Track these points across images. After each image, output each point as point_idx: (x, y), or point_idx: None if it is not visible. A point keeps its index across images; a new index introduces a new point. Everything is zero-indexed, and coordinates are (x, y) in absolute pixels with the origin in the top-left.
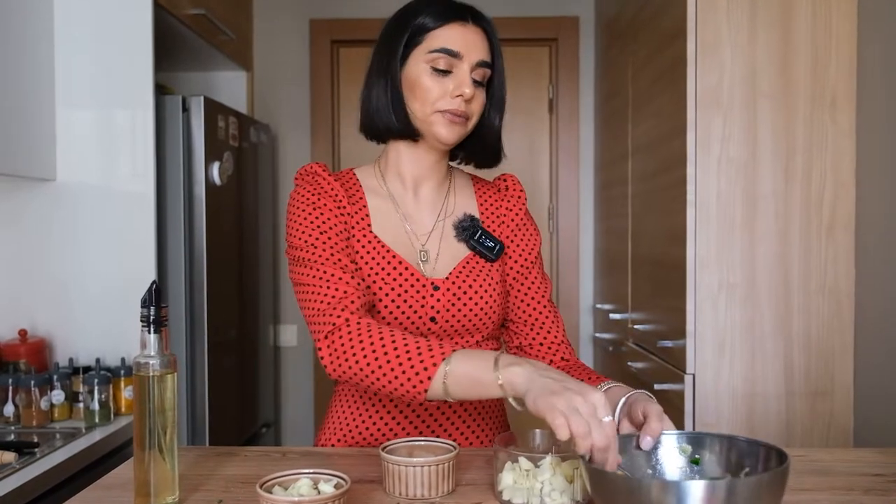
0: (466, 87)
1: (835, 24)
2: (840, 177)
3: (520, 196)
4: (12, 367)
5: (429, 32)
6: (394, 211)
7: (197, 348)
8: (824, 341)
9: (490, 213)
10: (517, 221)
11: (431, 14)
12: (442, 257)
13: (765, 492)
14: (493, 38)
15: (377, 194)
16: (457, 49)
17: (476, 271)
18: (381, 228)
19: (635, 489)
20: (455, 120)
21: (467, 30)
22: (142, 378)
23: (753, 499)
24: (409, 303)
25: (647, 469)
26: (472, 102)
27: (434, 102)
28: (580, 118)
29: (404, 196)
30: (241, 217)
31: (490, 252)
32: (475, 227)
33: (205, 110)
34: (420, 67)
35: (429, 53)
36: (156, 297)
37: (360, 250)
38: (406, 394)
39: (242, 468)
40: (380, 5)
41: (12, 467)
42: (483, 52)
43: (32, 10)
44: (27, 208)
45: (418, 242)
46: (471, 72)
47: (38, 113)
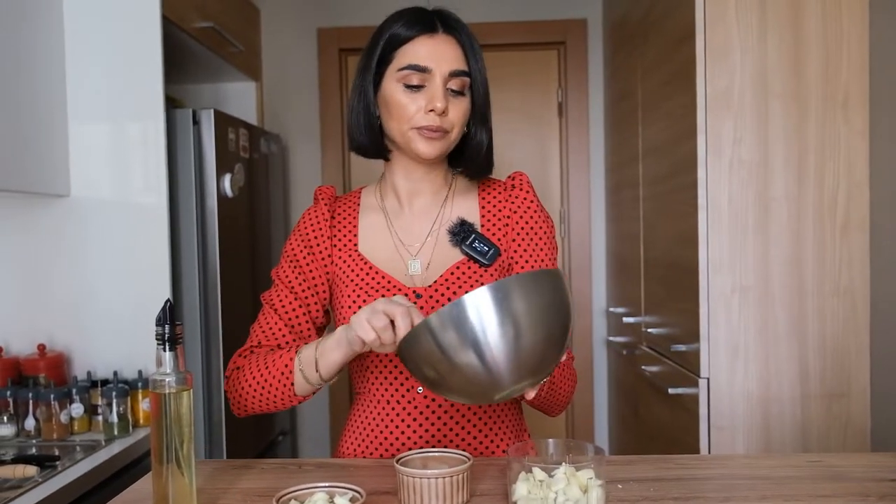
0: (438, 101)
1: (846, 24)
2: (853, 177)
3: (526, 195)
4: (32, 381)
5: (397, 50)
6: (385, 226)
7: (212, 359)
8: (840, 343)
9: (493, 215)
10: (526, 222)
11: (398, 30)
12: (434, 265)
13: (537, 289)
14: (467, 43)
15: (372, 211)
16: (424, 63)
17: (466, 276)
18: (368, 246)
19: (415, 333)
20: (432, 136)
21: (436, 41)
22: (158, 395)
23: (528, 296)
24: None
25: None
26: (449, 114)
27: (410, 119)
28: (590, 121)
29: (399, 210)
30: (254, 228)
31: (483, 256)
32: (466, 231)
33: (215, 122)
34: (393, 86)
35: (399, 71)
36: (170, 314)
37: (347, 270)
38: (284, 398)
39: (259, 481)
40: (386, 13)
41: (35, 481)
42: (455, 62)
43: (43, 26)
44: (42, 224)
45: (407, 254)
46: (445, 84)
47: (51, 129)
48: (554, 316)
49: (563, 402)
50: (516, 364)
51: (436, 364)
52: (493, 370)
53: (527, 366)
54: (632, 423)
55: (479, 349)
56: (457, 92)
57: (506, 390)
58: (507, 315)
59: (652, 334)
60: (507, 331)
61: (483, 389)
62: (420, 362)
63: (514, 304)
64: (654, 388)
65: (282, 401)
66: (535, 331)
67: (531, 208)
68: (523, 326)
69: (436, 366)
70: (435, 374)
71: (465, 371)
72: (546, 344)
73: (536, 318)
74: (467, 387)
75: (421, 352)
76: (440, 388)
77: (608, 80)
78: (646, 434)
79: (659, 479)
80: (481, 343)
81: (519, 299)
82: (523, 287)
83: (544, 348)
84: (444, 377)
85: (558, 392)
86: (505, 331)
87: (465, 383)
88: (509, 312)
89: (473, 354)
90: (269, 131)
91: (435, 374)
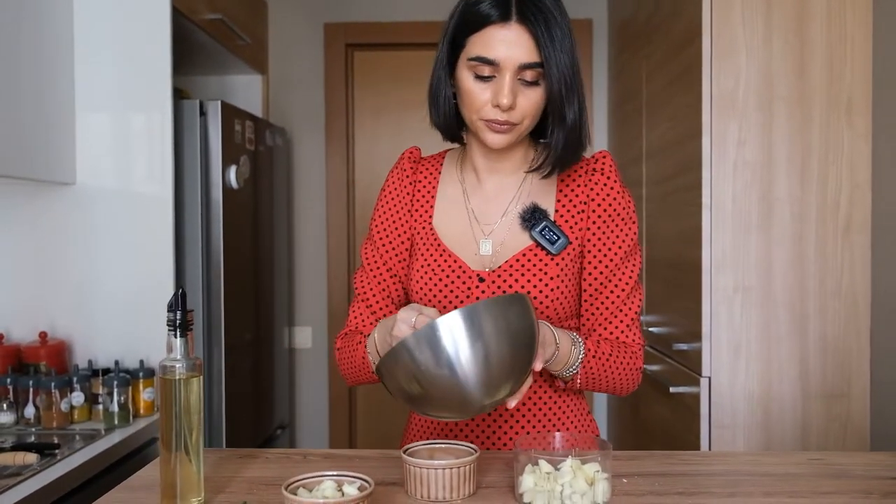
0: (504, 97)
1: (850, 27)
2: (856, 179)
3: (607, 180)
4: (33, 368)
5: (468, 38)
6: (462, 201)
7: (214, 350)
8: (840, 344)
9: (570, 200)
10: (605, 209)
11: (471, 14)
12: (504, 247)
13: (504, 313)
14: (542, 32)
15: (451, 182)
16: (492, 56)
17: (531, 263)
18: (442, 220)
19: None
20: (499, 129)
21: (508, 31)
22: (168, 381)
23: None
24: (455, 293)
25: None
26: (519, 106)
27: (478, 110)
28: (594, 121)
29: (477, 185)
30: (258, 220)
31: (551, 245)
32: (538, 218)
33: (222, 114)
34: (464, 73)
35: (469, 60)
36: (182, 301)
37: (419, 243)
38: (373, 378)
39: (265, 470)
40: (393, 9)
41: (34, 469)
42: (526, 54)
43: (52, 16)
44: (47, 212)
45: (481, 233)
46: (515, 76)
47: (59, 118)
48: (520, 336)
49: (619, 386)
50: (487, 380)
51: (416, 380)
52: (465, 386)
53: (497, 381)
54: (632, 421)
55: (451, 367)
56: (530, 82)
57: (478, 404)
58: (477, 336)
59: (654, 333)
60: (477, 350)
61: (459, 404)
62: (399, 379)
63: (483, 326)
64: (656, 386)
65: (372, 381)
66: (502, 349)
67: (610, 195)
68: (492, 346)
69: (417, 382)
70: (416, 390)
71: (441, 387)
72: (513, 360)
73: (503, 338)
74: (444, 402)
75: (400, 370)
76: (419, 405)
77: (613, 80)
78: (646, 432)
79: (664, 475)
80: (454, 361)
81: (487, 322)
82: (490, 311)
83: (511, 365)
84: (423, 393)
85: (604, 380)
86: (475, 350)
87: (441, 399)
88: (479, 334)
89: (447, 372)
90: (274, 124)
91: (417, 389)
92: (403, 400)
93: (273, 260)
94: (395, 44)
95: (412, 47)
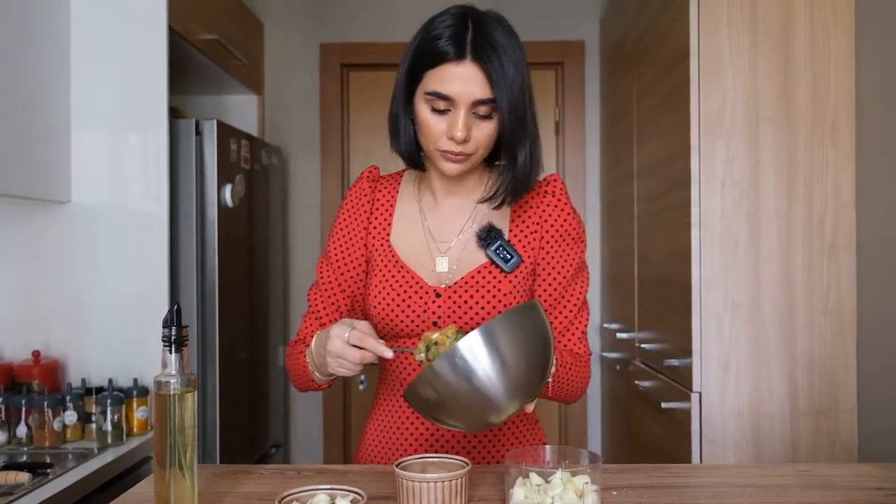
0: (458, 131)
1: (833, 49)
2: (841, 198)
3: (558, 202)
4: (25, 387)
5: (425, 72)
6: (419, 219)
7: (208, 368)
8: (828, 360)
9: (523, 221)
10: (556, 230)
11: (429, 50)
12: (460, 265)
13: (519, 323)
14: (496, 69)
15: (409, 200)
16: (447, 92)
17: (486, 280)
18: (399, 237)
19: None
20: (453, 159)
21: (462, 68)
22: (162, 396)
23: (511, 332)
24: (413, 308)
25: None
26: (473, 138)
27: (435, 141)
28: (586, 140)
29: (434, 205)
30: (253, 238)
31: (504, 263)
32: (493, 237)
33: (217, 133)
34: (421, 105)
35: (426, 94)
36: (177, 317)
37: (377, 258)
38: (314, 386)
39: (259, 486)
40: (388, 29)
41: (25, 488)
42: (480, 90)
43: (49, 34)
44: (42, 230)
45: (437, 250)
46: (469, 111)
47: (54, 136)
48: (535, 344)
49: (575, 394)
50: (508, 390)
51: (440, 399)
52: (489, 398)
53: (517, 390)
54: (625, 437)
55: (474, 382)
56: (483, 116)
57: (503, 413)
58: (495, 351)
59: (645, 349)
60: (496, 364)
61: (482, 415)
62: (425, 399)
63: (499, 341)
64: (648, 402)
65: (316, 389)
66: (519, 360)
67: (561, 216)
68: (509, 358)
69: (441, 400)
70: (438, 405)
71: (466, 402)
72: (529, 369)
73: (520, 349)
74: (468, 415)
75: (427, 390)
76: (442, 419)
77: (604, 100)
78: (639, 448)
79: (653, 487)
80: (478, 377)
81: (503, 336)
82: (505, 325)
83: (528, 373)
84: (447, 410)
85: (568, 388)
86: (494, 364)
87: (465, 412)
88: (497, 349)
89: (469, 387)
90: (269, 143)
91: (438, 405)
92: (427, 416)
93: (268, 278)
94: (390, 64)
95: None
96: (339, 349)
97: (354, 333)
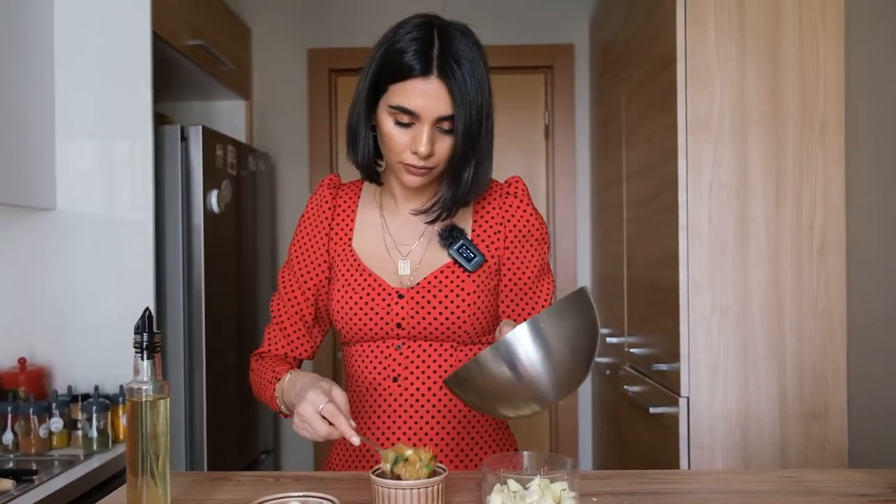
0: (421, 146)
1: (822, 52)
2: (830, 201)
3: (520, 203)
4: (11, 395)
5: (390, 85)
6: (380, 224)
7: (195, 375)
8: (817, 364)
9: (486, 221)
10: (519, 230)
11: (394, 63)
12: (422, 266)
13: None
14: (459, 87)
15: (370, 207)
16: (412, 107)
17: (449, 280)
18: (361, 242)
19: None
20: (415, 172)
21: (428, 84)
22: (134, 403)
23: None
24: (376, 310)
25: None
26: (436, 152)
27: (398, 154)
28: (576, 144)
29: (395, 210)
30: (240, 244)
31: (467, 262)
32: (455, 236)
33: (203, 139)
34: (385, 117)
35: (390, 107)
36: (148, 323)
37: (339, 264)
38: (279, 412)
39: (236, 493)
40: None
41: (10, 494)
42: (444, 107)
43: (33, 41)
44: (27, 237)
45: (398, 254)
46: (433, 126)
47: (39, 143)
48: (584, 334)
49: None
50: (556, 384)
51: (488, 393)
52: (539, 393)
53: (565, 383)
54: (615, 443)
55: (527, 381)
56: (447, 131)
57: (552, 403)
58: (544, 346)
59: (634, 354)
60: (545, 359)
61: (533, 408)
62: (472, 394)
63: (547, 335)
64: (636, 407)
65: (279, 413)
66: (566, 353)
67: (524, 216)
68: (556, 352)
69: (488, 394)
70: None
71: (517, 395)
72: (576, 361)
73: (568, 341)
74: (521, 405)
75: (475, 386)
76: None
77: (594, 103)
78: (628, 454)
79: (633, 493)
80: (528, 375)
81: (550, 330)
82: (553, 318)
83: (575, 364)
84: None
85: None
86: (543, 359)
87: (518, 403)
88: (545, 343)
89: (518, 384)
90: (257, 149)
91: (480, 395)
92: (474, 407)
93: (256, 284)
94: None
95: None
96: (309, 416)
97: (328, 407)
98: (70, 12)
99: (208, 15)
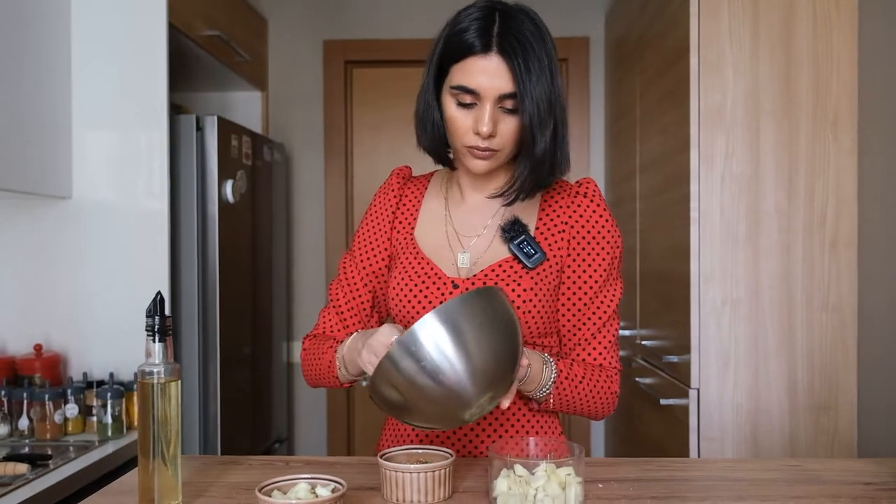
0: (483, 125)
1: (835, 44)
2: (842, 194)
3: (591, 204)
4: (27, 381)
5: (451, 66)
6: (444, 215)
7: (210, 364)
8: (827, 357)
9: (551, 219)
10: (588, 231)
11: (454, 43)
12: (482, 259)
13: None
14: (521, 63)
15: (436, 197)
16: (473, 86)
17: (506, 274)
18: (423, 232)
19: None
20: (480, 155)
21: (488, 62)
22: (146, 385)
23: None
24: (429, 298)
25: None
26: (499, 134)
27: (461, 136)
28: (591, 136)
29: (460, 200)
30: (255, 234)
31: (527, 259)
32: (517, 231)
33: (218, 129)
34: (448, 99)
35: (452, 88)
36: (160, 306)
37: (399, 253)
38: (335, 383)
39: (246, 476)
40: (392, 26)
41: (26, 478)
42: (506, 84)
43: (50, 31)
44: (43, 225)
45: (459, 245)
46: (495, 105)
47: (56, 132)
48: (501, 330)
49: (592, 409)
50: (473, 380)
51: (402, 391)
52: (453, 389)
53: (484, 380)
54: (627, 434)
55: (436, 372)
56: (510, 110)
57: (472, 407)
58: (457, 336)
59: (646, 346)
60: (459, 350)
61: (450, 409)
62: (387, 393)
63: (461, 326)
64: (647, 399)
65: (333, 385)
66: (483, 346)
67: (592, 218)
68: (471, 344)
69: (402, 393)
70: (401, 400)
71: (429, 394)
72: (495, 357)
73: (482, 334)
74: (433, 409)
75: (386, 382)
76: (408, 415)
77: (609, 96)
78: (639, 445)
79: (639, 480)
80: (439, 366)
81: (464, 320)
82: (465, 307)
83: (495, 361)
84: (410, 403)
85: (577, 402)
86: (458, 351)
87: (430, 406)
88: (458, 333)
89: (430, 379)
90: (272, 140)
91: (401, 400)
92: (391, 412)
93: (271, 274)
94: (393, 61)
95: (410, 64)
96: (377, 346)
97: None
98: (87, 3)
99: (225, 6)
